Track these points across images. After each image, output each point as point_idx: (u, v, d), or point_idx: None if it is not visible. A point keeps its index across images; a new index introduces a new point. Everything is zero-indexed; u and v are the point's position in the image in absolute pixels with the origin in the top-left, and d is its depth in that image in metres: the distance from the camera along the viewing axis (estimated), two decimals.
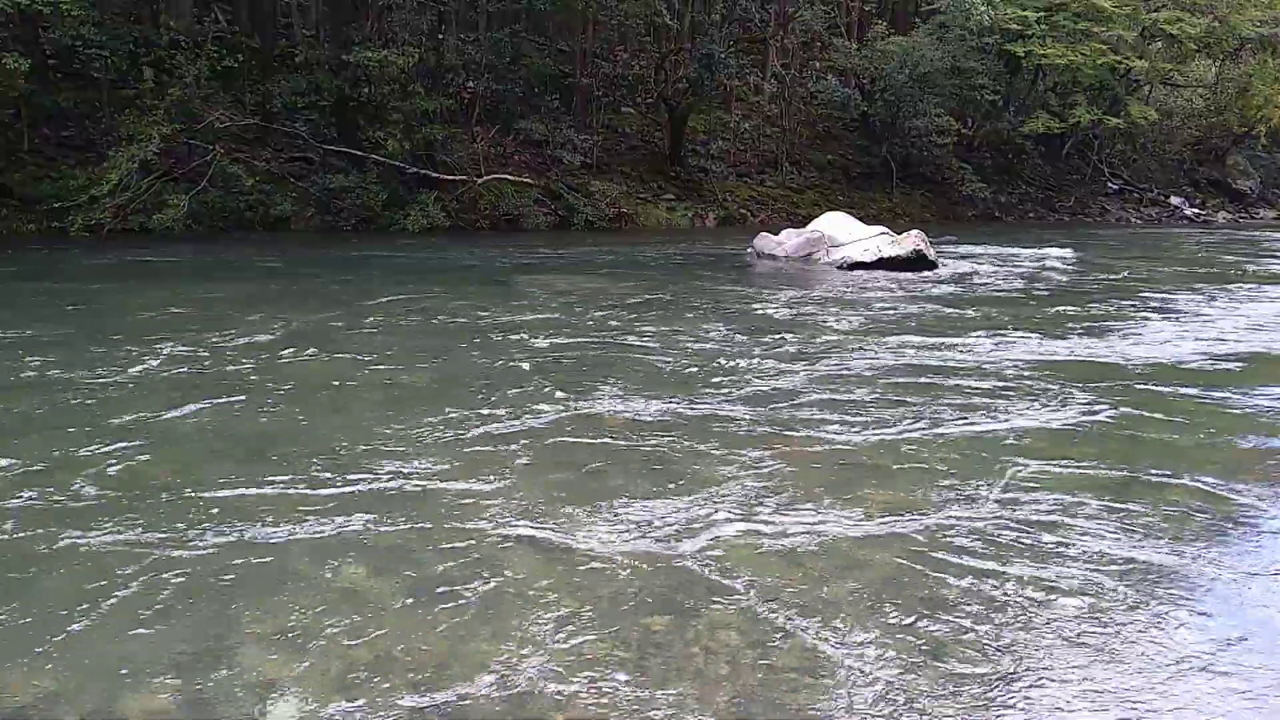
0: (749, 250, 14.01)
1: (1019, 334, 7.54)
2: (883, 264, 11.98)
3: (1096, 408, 5.21)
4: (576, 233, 17.66)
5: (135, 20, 16.46)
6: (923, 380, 5.81)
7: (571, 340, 6.94)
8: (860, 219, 14.06)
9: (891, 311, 8.82)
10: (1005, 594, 3.00)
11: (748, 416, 4.90)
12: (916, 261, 12.01)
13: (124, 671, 2.48)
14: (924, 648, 2.68)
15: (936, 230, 17.17)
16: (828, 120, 25.79)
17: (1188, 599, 3.02)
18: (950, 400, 5.33)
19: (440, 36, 18.87)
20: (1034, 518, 3.62)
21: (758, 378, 5.80)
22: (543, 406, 5.02)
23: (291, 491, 3.73)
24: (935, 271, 11.95)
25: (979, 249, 15.17)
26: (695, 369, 6.03)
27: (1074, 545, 3.38)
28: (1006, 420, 4.93)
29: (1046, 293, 10.54)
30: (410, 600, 2.89)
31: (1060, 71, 25.20)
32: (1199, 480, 4.09)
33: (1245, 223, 28.53)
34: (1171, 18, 24.62)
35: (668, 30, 21.07)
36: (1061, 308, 9.15)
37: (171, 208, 14.02)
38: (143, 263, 11.36)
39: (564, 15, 20.87)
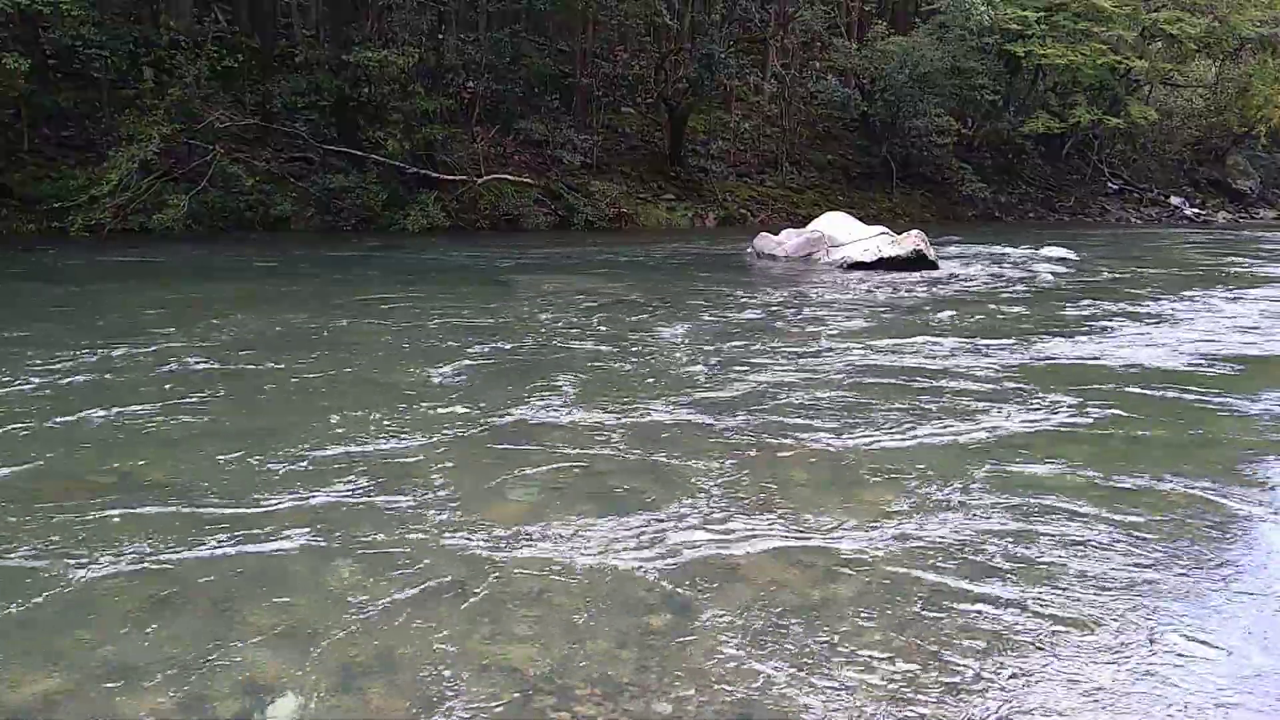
0: (749, 250, 14.01)
1: (1015, 336, 7.53)
2: (883, 264, 11.99)
3: (1088, 412, 5.14)
4: (576, 233, 17.66)
5: (135, 20, 16.46)
6: (912, 383, 5.76)
7: (555, 342, 6.91)
8: (860, 219, 14.07)
9: (888, 312, 8.82)
10: (987, 613, 2.88)
11: (727, 421, 4.82)
12: (916, 261, 12.02)
13: (123, 672, 2.48)
14: (902, 672, 2.60)
15: (936, 230, 17.16)
16: (828, 120, 25.79)
17: (1181, 619, 2.88)
18: (940, 404, 5.25)
19: (440, 36, 18.87)
20: (1020, 528, 3.53)
21: (742, 380, 5.73)
22: (514, 410, 4.99)
23: (265, 493, 3.74)
24: (935, 272, 11.96)
25: (979, 249, 15.17)
26: (681, 371, 6.00)
27: (1061, 558, 3.28)
28: (995, 424, 4.85)
29: (1044, 294, 10.54)
30: (405, 603, 2.89)
31: (1060, 71, 25.19)
32: (1191, 486, 4.01)
33: (1245, 223, 28.53)
34: (1171, 18, 24.61)
35: (668, 30, 21.06)
36: (1058, 309, 9.15)
37: (171, 208, 14.02)
38: (140, 263, 11.36)
39: (564, 15, 20.87)
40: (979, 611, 2.90)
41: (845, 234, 12.94)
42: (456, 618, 2.79)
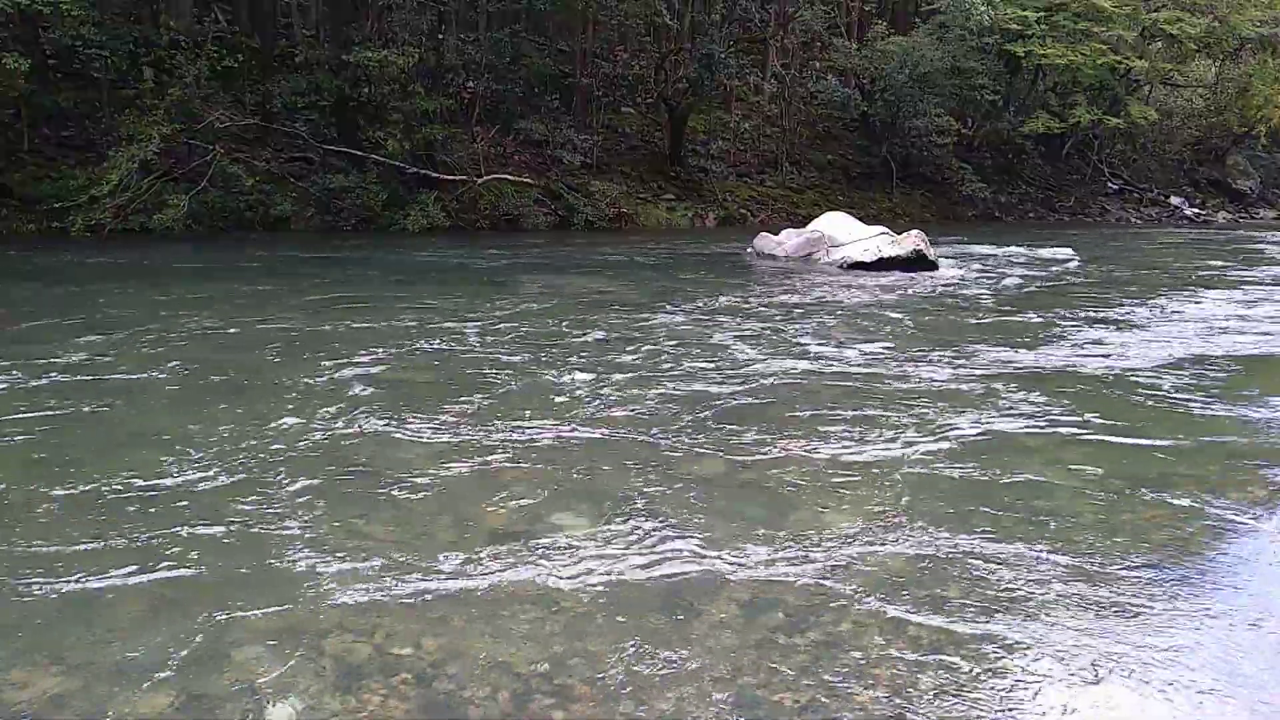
0: (749, 250, 14.00)
1: (1013, 339, 7.48)
2: (883, 264, 11.97)
3: (1081, 418, 5.02)
4: (576, 233, 17.66)
5: (135, 20, 16.46)
6: (901, 388, 5.66)
7: (532, 341, 6.87)
8: (860, 219, 14.06)
9: (885, 314, 8.80)
10: (947, 649, 2.70)
11: (687, 429, 4.68)
12: (916, 262, 12.00)
13: (124, 672, 2.48)
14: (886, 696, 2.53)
15: (936, 230, 17.15)
16: (828, 120, 25.78)
17: (1174, 653, 2.69)
18: (925, 410, 5.07)
19: (440, 36, 18.87)
20: (1005, 542, 3.42)
21: (717, 383, 5.62)
22: (472, 409, 4.99)
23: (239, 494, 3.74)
24: (935, 272, 11.94)
25: (979, 249, 15.16)
26: (660, 373, 5.93)
27: (1037, 582, 3.16)
28: (980, 432, 4.70)
29: (1044, 295, 10.53)
30: (410, 602, 2.90)
31: (1060, 71, 25.19)
32: (1178, 497, 3.88)
33: (1245, 223, 28.53)
34: (1171, 18, 24.61)
35: (668, 30, 21.06)
36: (1057, 311, 9.09)
37: (171, 208, 14.02)
38: (116, 263, 11.33)
39: (564, 15, 20.86)
40: (951, 637, 2.88)
41: (845, 234, 12.93)
42: (454, 619, 2.79)
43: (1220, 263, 14.41)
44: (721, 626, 2.77)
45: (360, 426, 4.58)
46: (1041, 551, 3.31)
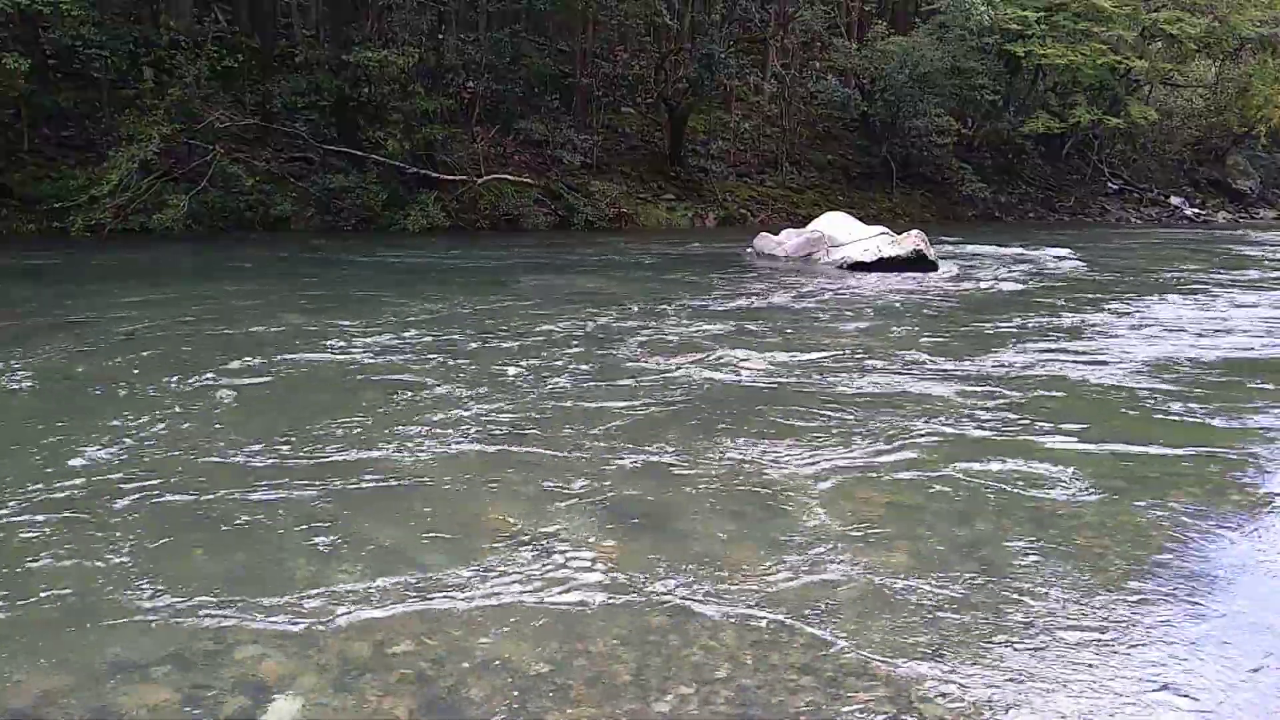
0: (748, 250, 14.00)
1: (1010, 341, 7.42)
2: (883, 264, 11.97)
3: (1076, 423, 4.91)
4: (576, 233, 17.65)
5: (135, 20, 16.46)
6: (885, 392, 5.60)
7: (527, 341, 6.88)
8: (860, 219, 14.07)
9: (881, 315, 8.79)
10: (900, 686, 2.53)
11: (681, 430, 4.65)
12: (917, 262, 12.00)
13: (124, 671, 2.48)
14: None
15: (936, 230, 17.13)
16: (828, 120, 25.78)
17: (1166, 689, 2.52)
18: (908, 418, 4.92)
19: (440, 36, 18.87)
20: (987, 553, 3.38)
21: (705, 387, 5.56)
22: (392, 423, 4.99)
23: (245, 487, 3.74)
24: (935, 272, 11.93)
25: (979, 249, 15.15)
26: (645, 375, 5.90)
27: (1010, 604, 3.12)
28: (964, 435, 4.63)
29: (1043, 295, 10.49)
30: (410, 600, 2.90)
31: (1060, 71, 25.19)
32: (1175, 504, 3.82)
33: (1245, 223, 28.53)
34: (1171, 18, 24.61)
35: (668, 30, 21.06)
36: (1055, 313, 9.04)
37: (171, 208, 14.02)
38: (131, 264, 11.36)
39: (564, 15, 20.87)
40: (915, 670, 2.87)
41: (845, 234, 12.93)
42: (451, 619, 2.79)
43: (1217, 264, 14.40)
44: (719, 628, 2.77)
45: (346, 428, 4.59)
46: (1040, 559, 3.30)
